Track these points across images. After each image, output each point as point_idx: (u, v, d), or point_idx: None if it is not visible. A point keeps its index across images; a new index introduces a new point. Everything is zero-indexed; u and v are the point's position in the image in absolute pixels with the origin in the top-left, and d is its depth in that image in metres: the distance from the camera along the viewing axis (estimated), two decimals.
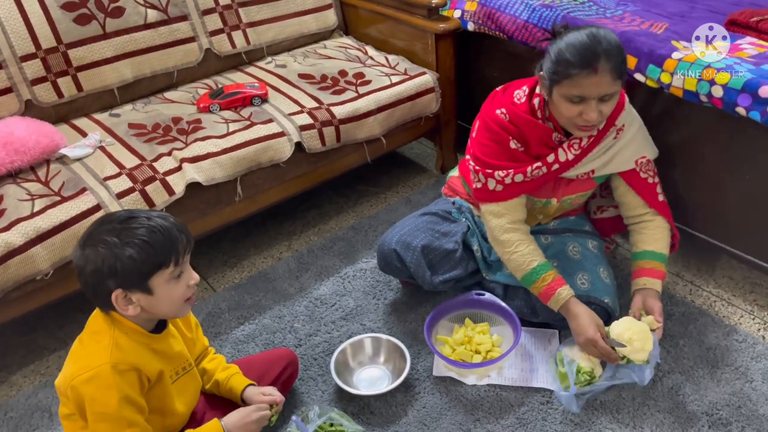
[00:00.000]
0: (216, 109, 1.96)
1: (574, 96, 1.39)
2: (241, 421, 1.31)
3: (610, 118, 1.52)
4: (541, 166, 1.53)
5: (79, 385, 1.12)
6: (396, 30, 2.31)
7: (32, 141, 1.71)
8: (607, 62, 1.34)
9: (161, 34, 2.09)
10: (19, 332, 1.84)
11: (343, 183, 2.35)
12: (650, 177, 1.61)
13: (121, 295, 1.12)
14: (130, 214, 1.14)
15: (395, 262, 1.68)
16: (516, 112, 1.52)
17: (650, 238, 1.61)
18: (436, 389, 1.57)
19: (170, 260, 1.13)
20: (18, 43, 1.85)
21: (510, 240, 1.57)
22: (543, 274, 1.54)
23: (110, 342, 1.14)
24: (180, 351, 1.29)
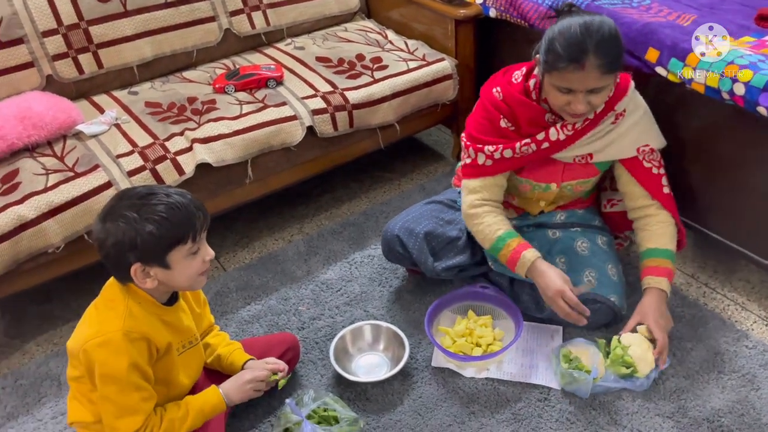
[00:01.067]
0: (231, 90, 1.97)
1: (562, 87, 1.39)
2: (236, 383, 1.36)
3: (608, 103, 1.50)
4: (530, 143, 1.52)
5: (91, 349, 1.16)
6: (417, 14, 2.27)
7: (50, 116, 1.74)
8: (596, 58, 1.32)
9: (182, 13, 2.10)
10: (36, 302, 1.90)
11: (358, 168, 2.35)
12: (654, 167, 1.56)
13: (140, 268, 1.15)
14: (149, 190, 1.17)
15: (398, 248, 1.67)
16: (510, 91, 1.52)
17: (654, 235, 1.57)
18: (434, 380, 1.57)
19: (188, 236, 1.17)
20: (40, 19, 1.88)
21: (478, 213, 1.57)
22: (508, 240, 1.53)
23: (124, 310, 1.18)
24: (188, 325, 1.32)
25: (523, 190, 1.67)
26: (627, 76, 1.55)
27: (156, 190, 1.17)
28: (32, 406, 1.58)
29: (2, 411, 1.57)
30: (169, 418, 1.25)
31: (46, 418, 1.55)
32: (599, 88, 1.37)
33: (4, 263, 1.56)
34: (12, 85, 1.88)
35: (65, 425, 1.52)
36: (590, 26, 1.33)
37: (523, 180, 1.63)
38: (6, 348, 1.78)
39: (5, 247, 1.54)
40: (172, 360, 1.28)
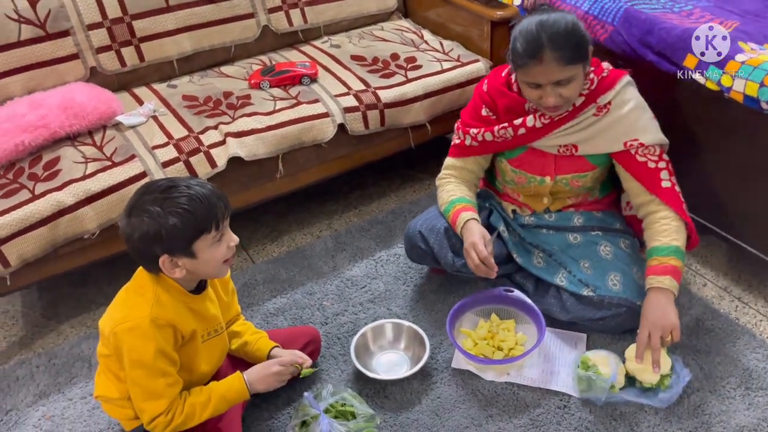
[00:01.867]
0: (266, 86, 2.01)
1: (530, 83, 1.46)
2: (262, 372, 1.38)
3: (590, 95, 1.53)
4: (507, 127, 1.59)
5: (121, 333, 1.21)
6: (454, 15, 2.27)
7: (91, 107, 1.80)
8: (553, 51, 1.38)
9: (222, 9, 2.14)
10: (73, 285, 1.97)
11: (389, 166, 2.36)
12: (651, 161, 1.55)
13: (168, 259, 1.19)
14: (170, 183, 1.20)
15: (420, 243, 1.69)
16: (493, 83, 1.63)
17: (656, 232, 1.54)
18: (453, 381, 1.57)
19: (211, 226, 1.20)
20: (86, 12, 1.95)
21: (442, 183, 1.72)
22: (456, 203, 1.63)
23: (153, 297, 1.23)
24: (214, 314, 1.35)
25: (519, 182, 1.69)
26: (621, 72, 1.57)
27: (177, 182, 1.20)
28: (63, 385, 1.64)
29: (35, 389, 1.63)
30: (191, 403, 1.28)
31: (76, 398, 1.60)
32: (564, 79, 1.43)
33: (42, 247, 1.62)
34: (58, 76, 1.95)
35: (94, 405, 1.57)
36: (545, 22, 1.40)
37: (518, 171, 1.67)
38: (42, 328, 1.85)
39: (44, 231, 1.60)
40: (195, 347, 1.31)
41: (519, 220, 1.74)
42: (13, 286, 1.65)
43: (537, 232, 1.71)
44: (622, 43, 1.80)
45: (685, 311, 1.71)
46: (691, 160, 1.76)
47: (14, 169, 1.69)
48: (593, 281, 1.59)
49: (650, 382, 1.46)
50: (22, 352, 1.77)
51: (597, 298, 1.58)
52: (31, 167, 1.69)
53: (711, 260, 1.90)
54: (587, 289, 1.59)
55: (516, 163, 1.67)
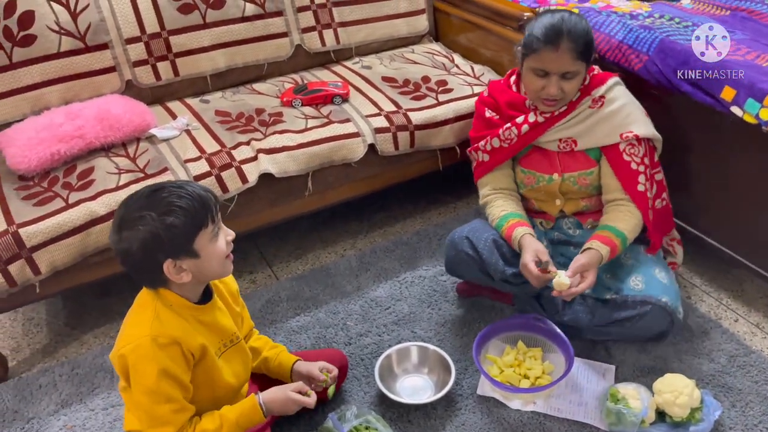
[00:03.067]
0: (298, 104, 2.02)
1: (538, 69, 1.53)
2: (281, 395, 1.31)
3: (584, 90, 1.61)
4: (510, 127, 1.66)
5: (126, 354, 1.16)
6: (485, 40, 2.28)
7: (126, 119, 1.82)
8: (569, 42, 1.48)
9: (256, 28, 2.17)
10: (96, 295, 1.98)
11: (415, 188, 2.35)
12: (634, 162, 1.61)
13: (172, 264, 1.14)
14: (154, 187, 1.16)
15: (467, 249, 1.66)
16: (494, 85, 1.75)
17: (615, 218, 1.62)
18: (478, 408, 1.55)
19: (207, 219, 1.16)
20: (125, 27, 1.99)
21: (489, 200, 1.74)
22: (510, 218, 1.65)
23: (151, 314, 1.18)
24: (226, 324, 1.30)
25: (529, 182, 1.72)
26: (610, 73, 1.65)
27: (159, 185, 1.16)
28: (86, 395, 1.63)
29: (57, 397, 1.63)
30: (201, 429, 1.22)
31: (97, 408, 1.60)
32: (571, 73, 1.52)
33: (73, 255, 1.63)
34: (94, 88, 1.99)
35: (115, 416, 1.57)
36: (566, 17, 1.51)
37: (526, 171, 1.71)
38: (65, 337, 1.85)
39: (76, 240, 1.61)
40: (211, 362, 1.25)
41: (548, 236, 1.73)
42: (42, 293, 1.66)
43: (565, 248, 1.71)
44: (657, 73, 1.80)
45: (717, 347, 1.67)
46: (725, 193, 1.74)
47: (49, 178, 1.71)
48: (615, 285, 1.61)
49: (680, 416, 1.43)
50: (45, 360, 1.77)
51: (620, 299, 1.58)
52: (66, 176, 1.71)
53: (743, 295, 1.87)
54: (610, 293, 1.60)
55: (525, 162, 1.71)
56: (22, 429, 1.55)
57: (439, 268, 1.99)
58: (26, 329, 1.88)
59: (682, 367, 1.61)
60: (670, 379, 1.48)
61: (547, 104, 1.59)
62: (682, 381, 1.46)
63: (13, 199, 1.65)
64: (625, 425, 1.43)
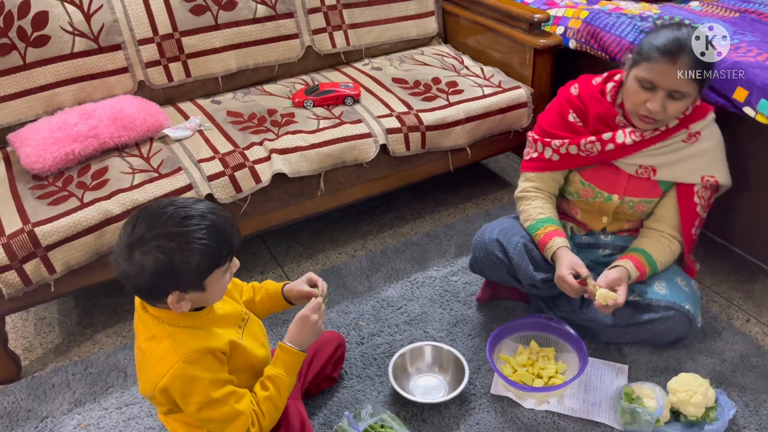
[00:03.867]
0: (309, 105, 2.03)
1: (646, 81, 1.42)
2: (301, 329, 1.29)
3: (684, 120, 1.51)
4: (594, 141, 1.55)
5: (167, 386, 1.14)
6: (495, 42, 2.29)
7: (140, 119, 1.83)
8: (691, 57, 1.37)
9: (267, 29, 2.18)
10: (108, 295, 1.98)
11: (424, 189, 2.36)
12: (700, 206, 1.57)
13: (177, 295, 1.11)
14: (184, 213, 1.08)
15: (497, 252, 1.63)
16: (587, 88, 1.59)
17: (656, 248, 1.58)
18: (492, 407, 1.55)
19: (226, 259, 1.14)
20: (138, 28, 1.99)
21: (528, 196, 1.66)
22: (547, 224, 1.60)
23: (169, 342, 1.15)
24: (232, 309, 1.28)
25: (584, 195, 1.66)
26: (710, 106, 1.55)
27: (189, 210, 1.08)
28: (99, 394, 1.64)
29: (71, 396, 1.63)
30: (263, 399, 1.23)
31: (111, 407, 1.60)
32: (680, 93, 1.41)
33: (88, 254, 1.64)
34: (107, 88, 1.99)
35: (129, 415, 1.57)
36: (695, 33, 1.39)
37: (586, 184, 1.64)
38: (78, 336, 1.86)
39: (90, 240, 1.62)
40: (241, 348, 1.25)
41: (576, 239, 1.72)
42: (57, 292, 1.66)
43: (593, 252, 1.70)
44: None
45: (730, 347, 1.68)
46: (739, 194, 1.74)
47: (63, 177, 1.72)
48: (639, 287, 1.59)
49: (695, 415, 1.43)
50: (58, 359, 1.78)
51: (644, 302, 1.57)
52: (80, 176, 1.72)
53: (754, 296, 1.87)
54: (633, 295, 1.58)
55: (588, 175, 1.63)
56: (35, 428, 1.55)
57: (450, 268, 1.99)
58: (38, 329, 1.89)
59: (695, 367, 1.62)
60: (685, 378, 1.48)
61: (644, 120, 1.47)
62: (696, 380, 1.47)
63: (28, 198, 1.65)
64: (640, 424, 1.43)
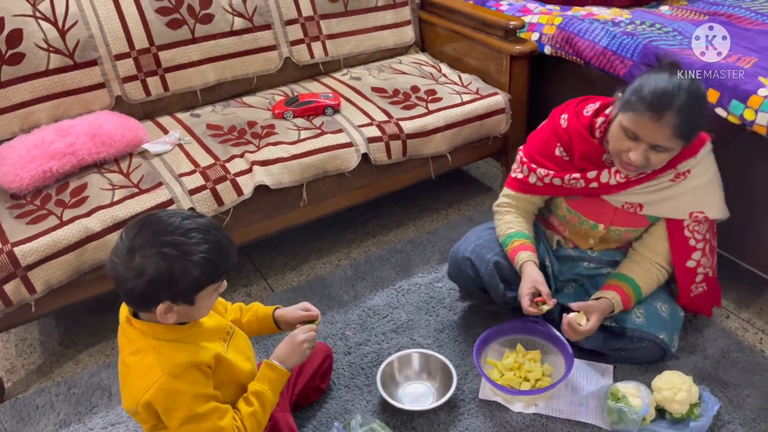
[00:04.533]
0: (290, 116, 2.03)
1: (629, 131, 1.37)
2: (291, 346, 1.32)
3: (673, 161, 1.46)
4: (578, 178, 1.54)
5: (150, 401, 1.13)
6: (471, 49, 2.32)
7: (118, 135, 1.82)
8: (676, 117, 1.30)
9: (245, 41, 2.18)
10: (90, 313, 1.96)
11: (406, 196, 2.37)
12: (694, 239, 1.55)
13: (166, 305, 1.10)
14: (188, 225, 1.10)
15: (469, 270, 1.67)
16: (575, 123, 1.53)
17: (642, 275, 1.58)
18: (481, 412, 1.56)
19: (222, 277, 1.15)
20: (114, 43, 1.98)
21: (501, 211, 1.70)
22: (514, 238, 1.62)
23: (153, 355, 1.14)
24: (216, 323, 1.28)
25: (571, 221, 1.68)
26: (704, 137, 1.50)
27: (192, 223, 1.10)
28: (84, 415, 1.61)
29: (55, 418, 1.60)
30: (247, 416, 1.23)
31: (96, 427, 1.58)
32: (664, 148, 1.36)
33: (68, 273, 1.62)
34: (83, 104, 1.98)
35: None
36: (682, 86, 1.31)
37: (573, 212, 1.65)
38: (60, 356, 1.83)
39: (71, 258, 1.60)
40: (226, 361, 1.24)
41: (560, 252, 1.74)
42: (37, 312, 1.64)
43: (578, 265, 1.72)
44: None
45: (711, 343, 1.71)
46: None
47: (41, 196, 1.70)
48: (617, 313, 1.59)
49: (680, 413, 1.46)
50: (41, 380, 1.75)
51: (618, 330, 1.59)
52: (59, 194, 1.70)
53: (732, 293, 1.91)
54: (610, 320, 1.60)
55: (574, 204, 1.64)
56: None
57: (434, 275, 2.00)
58: (20, 350, 1.86)
59: (678, 364, 1.64)
60: (669, 376, 1.51)
61: (626, 167, 1.43)
62: (680, 377, 1.49)
63: (6, 218, 1.63)
64: (626, 423, 1.45)
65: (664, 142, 1.34)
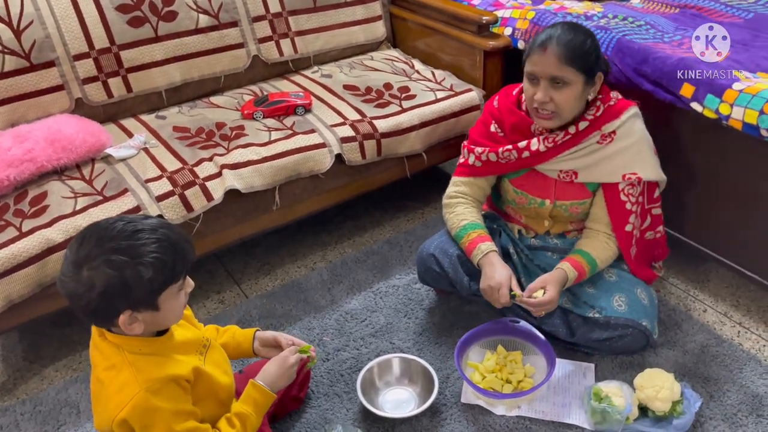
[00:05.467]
0: (259, 117, 1.97)
1: (529, 74, 1.50)
2: (278, 368, 1.32)
3: (594, 122, 1.55)
4: (511, 149, 1.61)
5: (126, 418, 1.08)
6: (444, 45, 2.28)
7: (79, 139, 1.74)
8: (557, 46, 1.46)
9: (211, 39, 2.11)
10: (55, 326, 1.88)
11: (382, 196, 2.33)
12: (629, 202, 1.60)
13: (129, 315, 1.06)
14: (134, 227, 1.04)
15: (434, 266, 1.69)
16: (504, 100, 1.66)
17: (593, 245, 1.62)
18: (464, 417, 1.53)
19: (181, 275, 1.09)
20: (72, 42, 1.89)
21: (451, 203, 1.71)
22: (470, 230, 1.63)
23: (130, 370, 1.09)
24: (192, 336, 1.24)
25: (520, 202, 1.71)
26: (628, 102, 1.59)
27: (138, 225, 1.04)
28: None
29: None
30: None
31: None
32: (560, 79, 1.46)
33: (30, 286, 1.54)
34: (42, 108, 1.89)
35: None
36: (567, 25, 1.50)
37: (519, 192, 1.69)
38: (25, 372, 1.75)
39: (32, 271, 1.52)
40: (205, 375, 1.20)
41: (524, 242, 1.74)
42: None
43: (542, 254, 1.71)
44: (617, 72, 1.82)
45: (690, 337, 1.71)
46: (689, 187, 1.78)
47: None
48: (598, 303, 1.60)
49: (663, 410, 1.45)
50: (4, 398, 1.67)
51: (603, 320, 1.58)
52: (17, 203, 1.62)
53: (709, 286, 1.92)
54: (593, 311, 1.59)
55: (518, 183, 1.68)
56: None
57: (412, 276, 1.97)
58: None
59: (658, 361, 1.64)
60: (650, 374, 1.50)
61: (540, 116, 1.53)
62: (661, 375, 1.49)
63: None
64: (610, 423, 1.44)
65: (555, 71, 1.46)
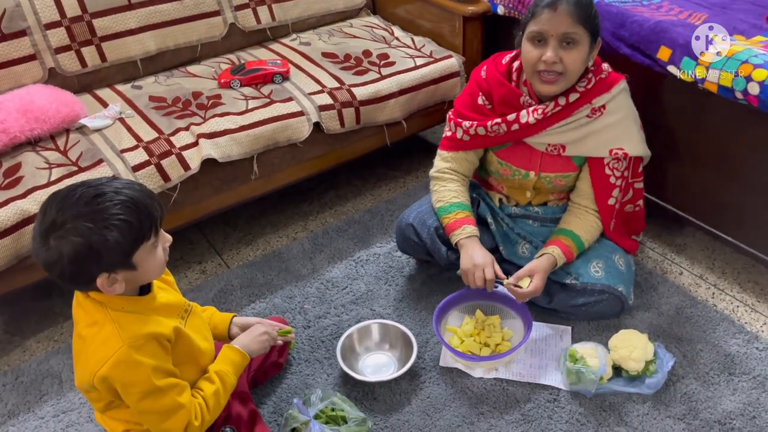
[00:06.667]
0: (237, 85, 1.95)
1: (536, 33, 1.45)
2: (251, 335, 1.36)
3: (585, 95, 1.53)
4: (500, 123, 1.58)
5: (108, 374, 1.09)
6: (424, 11, 2.25)
7: (53, 110, 1.71)
8: (568, 5, 1.42)
9: (186, 7, 2.07)
10: (35, 298, 1.87)
11: (363, 165, 2.32)
12: (614, 176, 1.60)
13: (106, 277, 1.06)
14: (95, 191, 1.03)
15: (413, 236, 1.70)
16: (493, 71, 1.61)
17: (580, 225, 1.62)
18: (442, 380, 1.55)
19: (150, 233, 1.09)
20: (43, 11, 1.86)
21: (444, 177, 1.68)
22: (459, 210, 1.62)
23: (112, 327, 1.10)
24: (175, 299, 1.26)
25: (504, 174, 1.70)
26: (619, 76, 1.58)
27: (101, 188, 1.04)
28: (33, 404, 1.55)
29: (3, 408, 1.54)
30: (209, 395, 1.22)
31: (47, 416, 1.52)
32: (570, 38, 1.43)
33: (6, 259, 1.53)
34: (14, 78, 1.86)
35: (67, 423, 1.50)
36: None
37: (504, 163, 1.67)
38: (6, 344, 1.75)
39: (7, 242, 1.51)
40: (186, 337, 1.21)
41: (505, 210, 1.74)
42: None
43: (523, 222, 1.72)
44: None
45: (665, 299, 1.73)
46: (666, 150, 1.78)
47: None
48: (576, 269, 1.61)
49: (636, 370, 1.48)
50: None
51: (580, 285, 1.60)
52: None
53: (686, 249, 1.94)
54: (570, 278, 1.61)
55: (503, 154, 1.67)
56: None
57: (393, 244, 1.97)
58: None
59: (634, 323, 1.66)
60: (624, 334, 1.53)
61: (545, 80, 1.48)
62: (635, 336, 1.51)
63: None
64: (585, 383, 1.47)
65: (567, 29, 1.42)
